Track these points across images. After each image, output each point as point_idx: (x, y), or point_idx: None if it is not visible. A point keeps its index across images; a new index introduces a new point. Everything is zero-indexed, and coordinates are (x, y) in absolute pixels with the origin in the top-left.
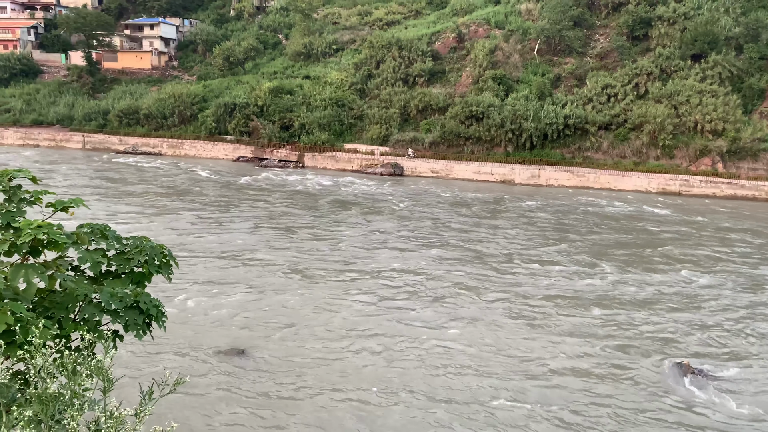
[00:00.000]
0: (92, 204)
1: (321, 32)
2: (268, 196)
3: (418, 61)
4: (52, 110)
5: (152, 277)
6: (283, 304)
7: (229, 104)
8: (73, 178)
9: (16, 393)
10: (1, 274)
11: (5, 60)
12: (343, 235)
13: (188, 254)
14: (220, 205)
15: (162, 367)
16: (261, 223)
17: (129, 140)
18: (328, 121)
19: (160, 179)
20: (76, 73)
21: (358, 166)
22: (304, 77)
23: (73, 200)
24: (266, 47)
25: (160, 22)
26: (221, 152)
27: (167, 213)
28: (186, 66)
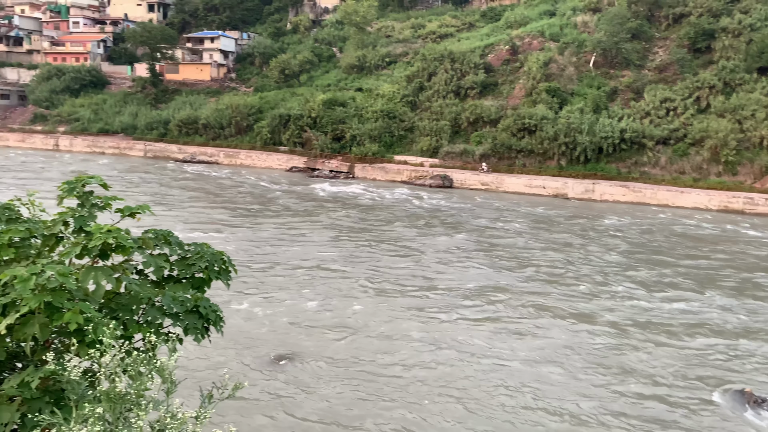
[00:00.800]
0: (158, 211)
1: (374, 45)
2: (334, 208)
3: (470, 73)
4: (117, 119)
5: (212, 282)
6: (348, 315)
7: (283, 115)
8: (142, 185)
9: (86, 390)
10: (73, 276)
11: (77, 72)
12: (416, 250)
13: (254, 262)
14: (283, 215)
15: (217, 371)
16: (332, 235)
17: (188, 149)
18: (378, 132)
19: (223, 187)
20: (141, 84)
21: (407, 178)
22: (357, 89)
23: (140, 206)
24: (321, 60)
25: (219, 35)
26: (275, 162)
27: (232, 221)
28: (243, 78)
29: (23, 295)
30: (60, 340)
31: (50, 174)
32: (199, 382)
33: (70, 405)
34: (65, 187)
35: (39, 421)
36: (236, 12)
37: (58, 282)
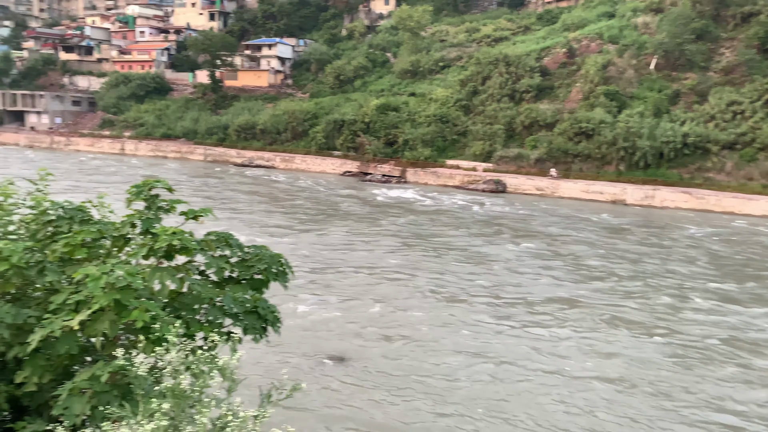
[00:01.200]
0: (220, 214)
1: (428, 50)
2: (397, 214)
3: (525, 76)
4: (179, 125)
5: (269, 284)
6: (408, 321)
7: (337, 121)
8: (204, 188)
9: (152, 386)
10: (140, 276)
11: (142, 79)
12: (484, 257)
13: (317, 266)
14: (346, 220)
15: (272, 370)
16: (397, 241)
17: (246, 153)
18: (431, 137)
19: (282, 191)
20: (201, 90)
21: (459, 182)
22: (410, 94)
23: (202, 210)
24: (375, 65)
25: (277, 42)
26: (329, 166)
27: (294, 224)
28: (299, 84)
29: (94, 293)
30: (126, 337)
31: (119, 177)
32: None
33: (136, 399)
34: (133, 190)
35: (109, 413)
36: (293, 19)
37: (126, 281)
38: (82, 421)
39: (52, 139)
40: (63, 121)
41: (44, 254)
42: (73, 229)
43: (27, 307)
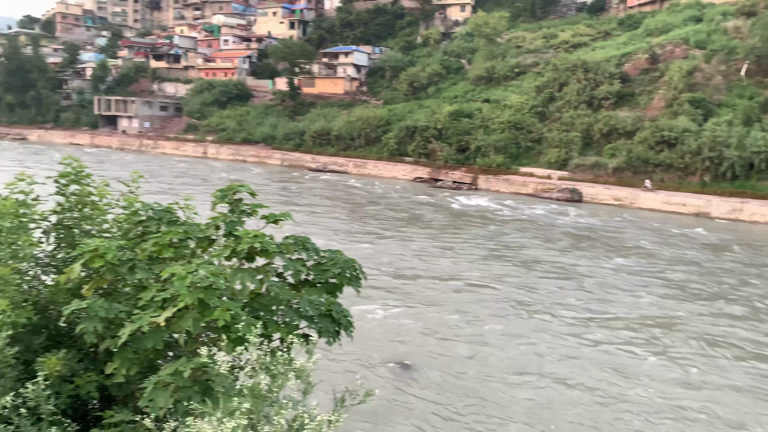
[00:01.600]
0: (298, 217)
1: (504, 56)
2: (480, 223)
3: (604, 83)
4: (258, 130)
5: (343, 288)
6: (486, 332)
7: (410, 127)
8: (283, 192)
9: (232, 384)
10: (223, 276)
11: (225, 86)
12: (575, 272)
13: (396, 272)
14: (426, 228)
15: (342, 373)
16: (482, 251)
17: (320, 159)
18: (504, 144)
19: (358, 196)
20: (280, 97)
21: (533, 190)
22: (484, 101)
23: (282, 214)
24: (449, 72)
25: (353, 50)
26: (400, 172)
27: (372, 230)
28: (374, 91)
29: (180, 291)
30: (207, 335)
31: (203, 180)
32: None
33: (216, 396)
34: (218, 194)
35: (192, 409)
36: (370, 27)
37: (209, 281)
38: (165, 414)
39: (141, 142)
40: (151, 125)
41: (135, 253)
42: (161, 230)
43: (118, 302)
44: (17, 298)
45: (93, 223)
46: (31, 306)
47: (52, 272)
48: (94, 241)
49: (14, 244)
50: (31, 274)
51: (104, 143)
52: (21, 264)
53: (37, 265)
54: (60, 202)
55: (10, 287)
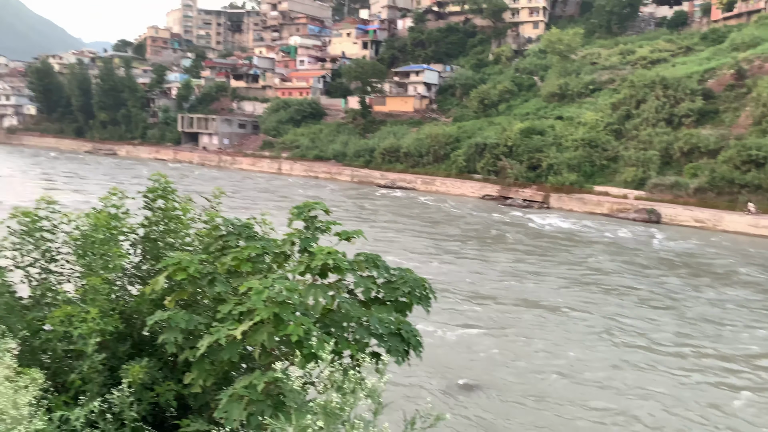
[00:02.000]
0: (370, 233)
1: (578, 73)
2: (565, 246)
3: (685, 100)
4: (330, 147)
5: (413, 307)
6: (564, 359)
7: (479, 144)
8: (353, 209)
9: (304, 400)
10: (297, 291)
11: (299, 104)
12: (675, 301)
13: (470, 293)
14: (508, 249)
15: (406, 392)
16: (569, 275)
17: (389, 175)
18: (578, 162)
19: (429, 214)
20: (352, 115)
21: (607, 210)
22: (557, 118)
23: (355, 231)
24: (521, 89)
25: (424, 69)
26: (468, 190)
27: (449, 248)
28: (444, 108)
29: (256, 305)
30: (279, 349)
31: (279, 195)
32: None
33: (288, 412)
34: (295, 211)
35: (265, 423)
36: (441, 46)
37: (285, 296)
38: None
39: (220, 158)
40: (230, 142)
41: (214, 266)
42: (239, 244)
43: (197, 314)
44: (106, 306)
45: (176, 236)
46: (117, 315)
47: (138, 283)
48: (177, 254)
49: (105, 255)
50: (119, 284)
51: (186, 159)
52: (110, 274)
53: (124, 276)
54: (147, 216)
55: (100, 296)
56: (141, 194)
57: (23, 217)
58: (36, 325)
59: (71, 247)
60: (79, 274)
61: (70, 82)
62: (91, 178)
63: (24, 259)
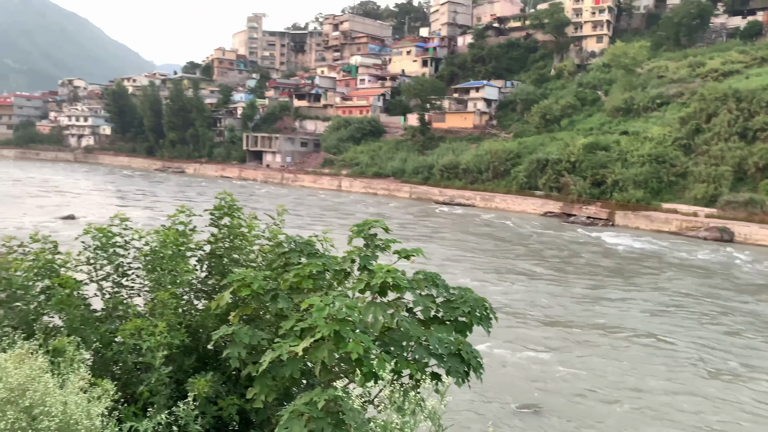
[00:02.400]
0: (431, 251)
1: (644, 87)
2: (650, 269)
3: (761, 113)
4: (389, 164)
5: (473, 327)
6: (644, 387)
7: (541, 160)
8: (413, 226)
9: (364, 419)
10: (357, 309)
11: (360, 122)
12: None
13: (544, 316)
14: (581, 270)
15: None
16: (658, 300)
17: (447, 192)
18: (644, 178)
19: (491, 230)
20: (411, 132)
21: (676, 228)
22: (622, 133)
23: (414, 249)
24: (584, 104)
25: (484, 85)
26: (529, 206)
27: (519, 268)
28: (504, 124)
29: (318, 322)
30: (339, 367)
31: (342, 212)
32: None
33: (347, 430)
34: (355, 229)
35: None
36: (502, 62)
37: (345, 314)
38: None
39: (282, 175)
40: (292, 160)
41: (277, 283)
42: (301, 261)
43: (260, 329)
44: (173, 320)
45: (241, 252)
46: (184, 329)
47: (203, 297)
48: (242, 271)
49: (173, 270)
50: (186, 299)
51: (250, 176)
52: (178, 289)
53: (191, 290)
54: (213, 233)
55: (168, 310)
56: (207, 212)
57: (98, 233)
58: (108, 338)
59: (141, 262)
60: (149, 288)
61: (143, 104)
62: (160, 195)
63: (98, 273)
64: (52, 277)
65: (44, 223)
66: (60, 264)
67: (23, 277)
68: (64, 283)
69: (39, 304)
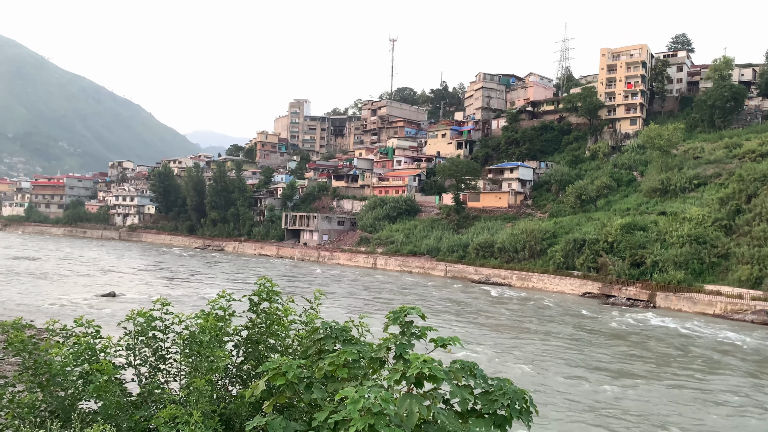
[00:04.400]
0: (463, 335)
1: (680, 167)
2: (729, 363)
3: None
4: (424, 242)
5: (512, 421)
6: None
7: (578, 240)
8: (451, 307)
9: None
10: (392, 401)
11: (395, 202)
12: None
13: (595, 408)
14: (650, 363)
15: None
16: (732, 391)
17: (483, 271)
18: (685, 259)
19: (534, 314)
20: (446, 211)
21: (720, 311)
22: (659, 213)
23: (451, 338)
24: (619, 184)
25: (519, 166)
26: (567, 287)
27: (568, 358)
28: (539, 204)
29: (352, 415)
30: None
31: (375, 291)
32: None
33: None
34: (391, 316)
35: None
36: (536, 144)
37: (380, 407)
38: None
39: (319, 253)
40: (329, 239)
41: (312, 370)
42: (336, 348)
43: (293, 418)
44: (207, 408)
45: (277, 338)
46: (218, 417)
47: (238, 383)
48: (277, 358)
49: (211, 357)
50: (220, 385)
51: (287, 254)
52: (213, 375)
53: (226, 376)
54: (252, 318)
55: (203, 398)
56: (246, 297)
57: (139, 318)
58: (143, 425)
59: (180, 346)
60: (185, 373)
61: (187, 184)
62: (199, 272)
63: (136, 357)
64: (91, 362)
65: (86, 300)
66: (100, 349)
67: (62, 362)
68: (103, 369)
69: (77, 390)
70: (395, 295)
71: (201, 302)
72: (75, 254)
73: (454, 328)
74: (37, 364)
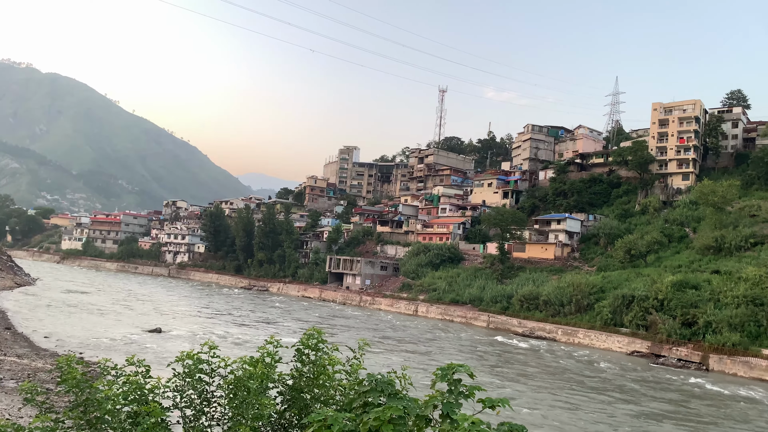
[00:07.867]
0: (509, 392)
1: (735, 225)
2: None
3: None
4: (467, 291)
5: None
6: None
7: (626, 296)
8: (498, 363)
9: None
10: None
11: (439, 249)
12: None
13: None
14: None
15: None
16: None
17: (527, 323)
18: (741, 320)
19: (583, 371)
20: (490, 260)
21: None
22: (713, 272)
23: (500, 399)
24: (671, 240)
25: (566, 217)
26: (615, 344)
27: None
28: (587, 257)
29: None
30: None
31: (415, 340)
32: None
33: None
34: (439, 373)
35: None
36: (584, 196)
37: None
38: None
39: (361, 298)
40: (371, 283)
41: (356, 424)
42: (381, 401)
43: None
44: None
45: (321, 387)
46: None
47: (279, 431)
48: (323, 410)
49: (257, 404)
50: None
51: (330, 297)
52: (257, 423)
53: (268, 423)
54: (298, 367)
55: None
56: (294, 347)
57: (188, 360)
58: None
59: (225, 390)
60: (228, 417)
61: (237, 225)
62: (244, 312)
63: (183, 400)
64: (140, 402)
65: (133, 335)
66: (149, 389)
67: (112, 402)
68: (152, 412)
69: (124, 430)
70: (430, 346)
71: (240, 343)
72: (125, 289)
73: (494, 380)
74: (88, 401)
